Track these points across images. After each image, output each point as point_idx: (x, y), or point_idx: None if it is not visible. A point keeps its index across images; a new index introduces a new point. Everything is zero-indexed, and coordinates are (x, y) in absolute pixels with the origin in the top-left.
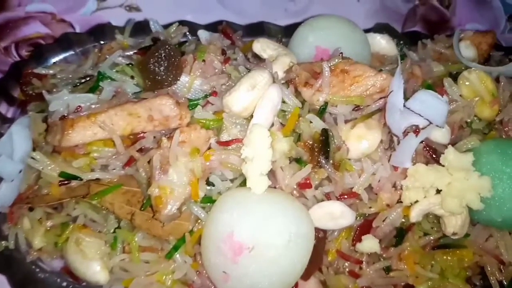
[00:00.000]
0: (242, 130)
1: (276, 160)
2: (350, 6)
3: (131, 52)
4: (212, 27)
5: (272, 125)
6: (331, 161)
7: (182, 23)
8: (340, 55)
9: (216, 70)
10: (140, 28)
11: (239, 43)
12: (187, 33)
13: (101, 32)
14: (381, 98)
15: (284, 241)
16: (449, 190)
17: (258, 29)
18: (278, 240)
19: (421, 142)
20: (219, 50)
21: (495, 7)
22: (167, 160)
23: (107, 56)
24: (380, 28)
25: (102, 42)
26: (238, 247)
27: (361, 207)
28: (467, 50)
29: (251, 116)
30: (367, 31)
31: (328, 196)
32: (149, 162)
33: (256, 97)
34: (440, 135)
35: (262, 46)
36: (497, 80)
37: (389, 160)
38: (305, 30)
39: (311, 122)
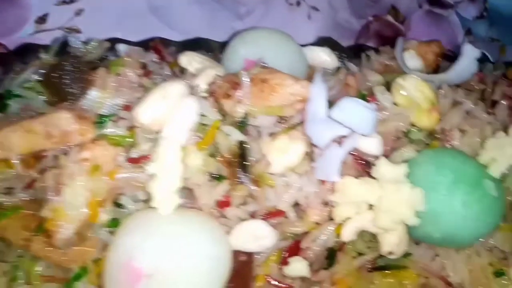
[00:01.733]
0: (155, 146)
1: (192, 177)
2: (301, 24)
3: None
4: (146, 43)
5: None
6: (251, 176)
7: (114, 40)
8: (262, 64)
9: (133, 84)
10: None
11: (170, 58)
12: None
13: (27, 51)
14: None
15: (191, 266)
16: (380, 205)
17: (196, 45)
18: (184, 265)
19: (353, 154)
20: (138, 63)
21: (452, 22)
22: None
23: None
24: (322, 42)
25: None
26: (136, 274)
27: (289, 226)
28: (412, 60)
29: None
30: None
31: (253, 215)
32: None
33: (167, 109)
34: (372, 146)
35: (188, 60)
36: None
37: None
38: (236, 43)
39: (229, 135)
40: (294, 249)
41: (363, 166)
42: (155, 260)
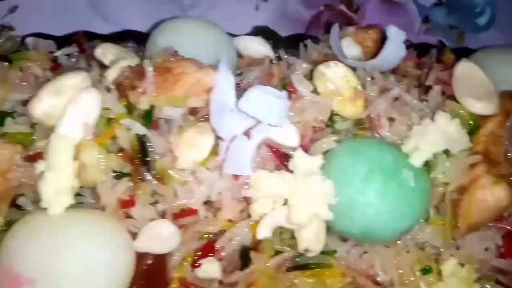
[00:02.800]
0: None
1: (91, 175)
2: (249, 15)
3: None
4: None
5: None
6: (153, 172)
7: (39, 35)
8: (172, 52)
9: (41, 79)
10: None
11: (90, 51)
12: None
13: None
14: None
15: (80, 271)
16: (294, 199)
17: (124, 37)
18: (72, 270)
19: (271, 146)
20: (46, 57)
21: (409, 10)
22: None
23: None
24: (258, 32)
25: None
26: (16, 280)
27: (202, 226)
28: (349, 48)
29: None
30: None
31: (163, 215)
32: None
33: (62, 102)
34: (288, 137)
35: (103, 52)
36: None
37: None
38: (156, 34)
39: (130, 128)
40: (207, 249)
41: (281, 158)
42: (38, 266)
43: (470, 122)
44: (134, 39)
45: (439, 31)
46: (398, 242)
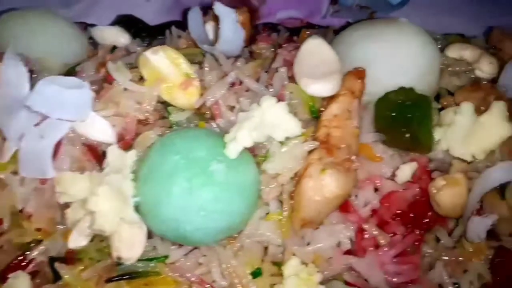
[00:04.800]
0: None
1: None
2: (140, 6)
3: None
4: None
5: None
6: None
7: None
8: None
9: None
10: None
11: None
12: None
13: None
14: None
15: None
16: (94, 202)
17: None
18: None
19: (84, 143)
20: None
21: None
22: None
23: None
24: (122, 21)
25: None
26: None
27: (12, 236)
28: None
29: None
30: None
31: None
32: None
33: None
34: (102, 133)
35: None
36: None
37: None
38: None
39: None
40: (16, 263)
41: (97, 157)
42: None
43: (311, 104)
44: None
45: (348, 12)
46: (233, 241)
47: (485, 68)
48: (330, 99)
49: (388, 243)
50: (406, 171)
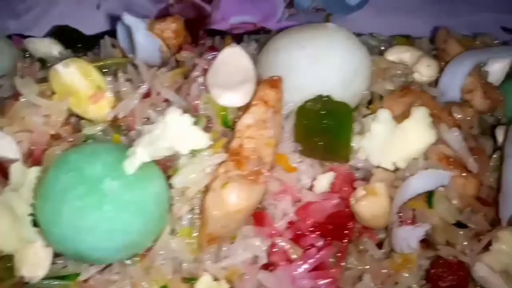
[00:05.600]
0: None
1: None
2: (89, 15)
3: None
4: None
5: None
6: None
7: None
8: None
9: None
10: None
11: None
12: None
13: None
14: None
15: None
16: None
17: None
18: None
19: None
20: None
21: None
22: None
23: None
24: (57, 31)
25: None
26: None
27: None
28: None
29: None
30: None
31: None
32: None
33: None
34: (7, 149)
35: None
36: None
37: None
38: None
39: None
40: None
41: (4, 174)
42: None
43: (224, 115)
44: None
45: (304, 15)
46: (144, 258)
47: (423, 71)
48: (245, 109)
49: (301, 257)
50: (323, 181)
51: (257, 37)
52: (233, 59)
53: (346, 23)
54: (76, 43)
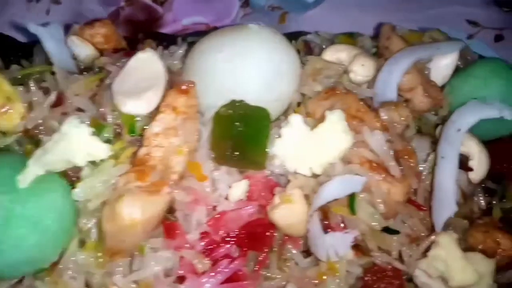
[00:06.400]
0: None
1: None
2: (40, 20)
3: None
4: None
5: None
6: None
7: None
8: None
9: None
10: None
11: None
12: None
13: None
14: None
15: None
16: None
17: None
18: None
19: None
20: None
21: None
22: None
23: None
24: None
25: None
26: None
27: None
28: (79, 48)
29: None
30: None
31: None
32: None
33: None
34: None
35: None
36: None
37: None
38: None
39: None
40: None
41: None
42: None
43: (130, 123)
44: None
45: (259, 14)
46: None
47: (358, 70)
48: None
49: (212, 268)
50: (236, 189)
51: (194, 38)
52: (146, 64)
53: (303, 21)
54: (10, 51)
